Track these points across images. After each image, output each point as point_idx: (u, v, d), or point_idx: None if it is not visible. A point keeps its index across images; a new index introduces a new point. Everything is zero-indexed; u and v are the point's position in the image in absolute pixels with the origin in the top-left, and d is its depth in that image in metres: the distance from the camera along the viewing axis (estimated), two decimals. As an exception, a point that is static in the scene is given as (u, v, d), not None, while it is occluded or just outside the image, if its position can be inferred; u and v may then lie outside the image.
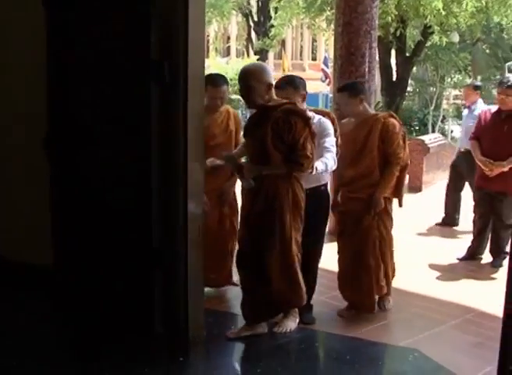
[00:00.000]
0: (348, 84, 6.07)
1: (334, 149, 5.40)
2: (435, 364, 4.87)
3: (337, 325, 5.64)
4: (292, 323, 5.34)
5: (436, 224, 9.62)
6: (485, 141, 7.46)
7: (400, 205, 5.92)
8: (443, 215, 9.66)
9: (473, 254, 7.82)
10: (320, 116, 5.51)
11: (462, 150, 9.15)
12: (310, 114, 5.28)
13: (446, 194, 9.64)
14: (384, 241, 5.72)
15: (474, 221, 7.80)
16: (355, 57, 8.60)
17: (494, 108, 7.56)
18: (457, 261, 7.77)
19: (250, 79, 4.98)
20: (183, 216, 4.92)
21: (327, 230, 5.93)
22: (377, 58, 8.83)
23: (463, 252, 7.85)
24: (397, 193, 5.81)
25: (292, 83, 5.41)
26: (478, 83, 10.63)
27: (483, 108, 8.75)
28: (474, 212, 7.76)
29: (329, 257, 5.98)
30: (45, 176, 5.75)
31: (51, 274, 5.73)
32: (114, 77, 5.15)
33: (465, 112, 9.74)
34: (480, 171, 7.47)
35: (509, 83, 7.24)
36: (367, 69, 8.62)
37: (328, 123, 5.48)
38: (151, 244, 5.01)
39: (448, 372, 4.75)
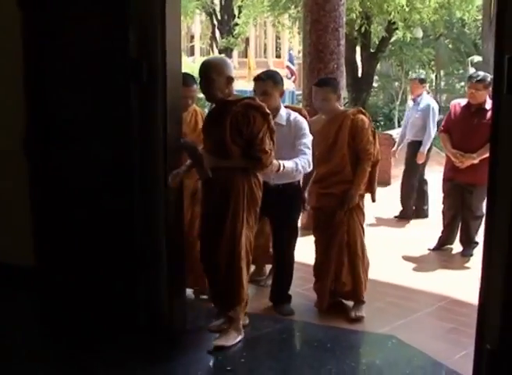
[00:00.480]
0: (328, 80, 6.19)
1: (310, 151, 5.47)
2: (413, 349, 5.03)
3: (315, 316, 5.77)
4: (231, 339, 5.06)
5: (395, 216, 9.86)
6: (455, 134, 7.67)
7: (373, 200, 6.02)
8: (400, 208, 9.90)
9: (443, 244, 8.02)
10: (296, 114, 5.61)
11: (409, 141, 9.71)
12: (284, 111, 5.51)
13: (401, 187, 9.93)
14: (354, 235, 5.77)
15: (443, 212, 7.99)
16: (324, 54, 8.75)
17: (463, 101, 7.75)
18: (429, 251, 7.95)
19: (210, 72, 4.92)
20: (164, 214, 5.02)
21: (299, 224, 6.10)
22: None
23: (433, 243, 8.04)
24: (370, 188, 5.87)
25: (272, 78, 5.56)
26: (423, 76, 11.05)
27: (428, 101, 9.58)
28: (444, 203, 7.95)
29: (304, 250, 6.12)
30: (25, 176, 5.82)
31: (36, 275, 5.82)
32: (92, 77, 5.23)
33: (410, 104, 10.07)
34: (450, 163, 7.68)
35: (478, 78, 7.45)
36: (335, 66, 8.78)
37: (304, 122, 5.58)
38: (134, 243, 5.10)
39: (426, 356, 4.91)
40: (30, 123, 5.77)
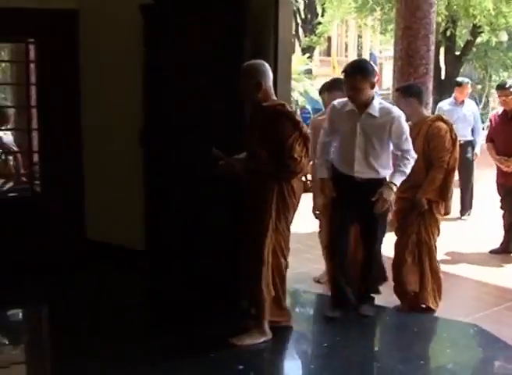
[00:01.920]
0: (411, 88, 6.23)
1: (410, 144, 5.39)
2: (493, 337, 5.42)
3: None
4: (249, 339, 5.09)
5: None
6: (497, 141, 8.06)
7: (446, 212, 6.00)
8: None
9: (506, 248, 8.15)
10: (392, 107, 5.44)
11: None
12: (377, 102, 5.32)
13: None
14: (422, 244, 5.83)
15: (503, 216, 8.22)
16: (413, 59, 9.21)
17: (500, 110, 8.24)
18: (490, 253, 8.12)
19: (242, 75, 5.01)
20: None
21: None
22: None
23: (494, 245, 8.20)
24: (442, 195, 5.83)
25: (360, 71, 5.25)
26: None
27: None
28: (502, 207, 8.20)
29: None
30: (140, 165, 6.43)
31: (146, 257, 6.46)
32: (207, 80, 5.78)
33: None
34: (498, 169, 8.06)
35: (505, 86, 7.95)
36: (425, 71, 9.21)
37: (403, 117, 5.37)
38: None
39: (507, 345, 5.28)
40: (146, 115, 6.37)
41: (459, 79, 10.78)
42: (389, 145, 5.40)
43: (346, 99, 5.41)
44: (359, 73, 5.20)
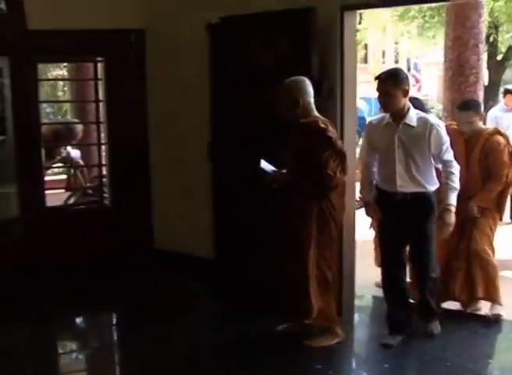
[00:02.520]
0: (471, 103, 6.22)
1: (456, 164, 5.29)
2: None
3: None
4: (324, 340, 5.38)
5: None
6: None
7: (500, 218, 6.05)
8: None
9: None
10: (430, 117, 5.39)
11: None
12: (413, 112, 5.21)
13: None
14: (474, 253, 5.87)
15: None
16: (464, 69, 9.43)
17: None
18: None
19: (281, 92, 5.18)
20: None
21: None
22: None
23: None
24: (497, 207, 5.90)
25: (392, 77, 5.13)
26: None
27: None
28: None
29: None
30: (208, 180, 6.72)
31: (214, 266, 6.75)
32: (272, 93, 6.02)
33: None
34: None
35: None
36: (475, 80, 9.42)
37: (442, 128, 5.26)
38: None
39: None
40: (214, 129, 6.66)
41: (508, 86, 10.88)
42: (431, 156, 5.22)
43: (382, 115, 5.40)
44: (390, 79, 5.08)
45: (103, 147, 7.62)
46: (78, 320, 6.69)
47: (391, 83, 5.06)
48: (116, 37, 7.11)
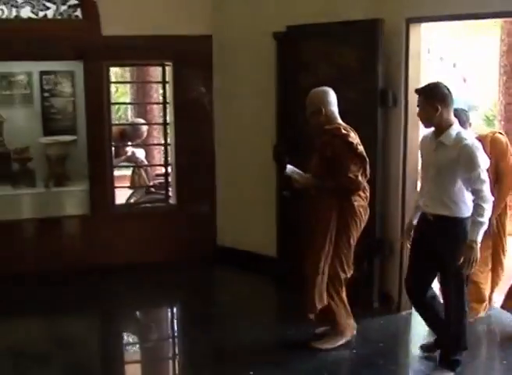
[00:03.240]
0: None
1: (486, 186, 4.75)
2: None
3: None
4: (328, 345, 5.55)
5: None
6: None
7: None
8: None
9: None
10: (469, 137, 4.87)
11: None
12: (453, 130, 4.84)
13: None
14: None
15: None
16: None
17: None
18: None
19: (307, 102, 5.47)
20: (401, 214, 6.11)
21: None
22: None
23: None
24: None
25: (424, 92, 4.97)
26: None
27: None
28: None
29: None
30: (274, 181, 7.01)
31: (276, 264, 7.06)
32: (343, 101, 6.29)
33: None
34: None
35: None
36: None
37: (474, 149, 4.75)
38: (374, 235, 6.18)
39: None
40: (279, 133, 6.95)
41: None
42: (463, 180, 4.82)
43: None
44: (423, 93, 4.94)
45: (169, 147, 7.93)
46: (147, 314, 7.04)
47: (422, 98, 4.94)
48: (184, 42, 7.41)
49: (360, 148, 5.29)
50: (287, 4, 6.86)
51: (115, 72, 11.59)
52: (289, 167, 5.49)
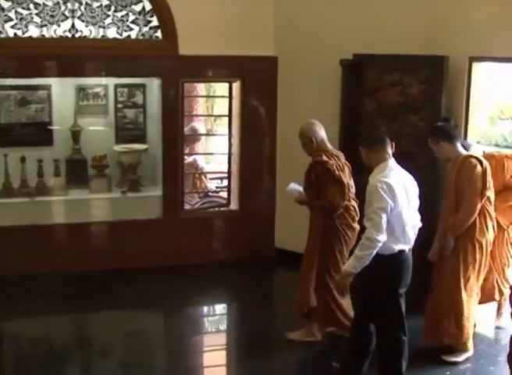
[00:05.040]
0: None
1: (373, 218, 4.94)
2: None
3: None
4: (298, 336, 6.35)
5: None
6: None
7: None
8: None
9: None
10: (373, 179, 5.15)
11: None
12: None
13: None
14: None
15: None
16: None
17: None
18: None
19: (300, 134, 6.23)
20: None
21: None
22: None
23: None
24: None
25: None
26: None
27: None
28: None
29: None
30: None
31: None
32: (399, 128, 7.03)
33: None
34: None
35: None
36: None
37: (371, 189, 5.04)
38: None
39: None
40: (342, 126, 7.62)
41: None
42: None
43: None
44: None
45: (232, 156, 8.65)
46: (212, 309, 7.81)
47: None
48: (251, 62, 8.11)
49: (337, 173, 5.95)
50: (354, 33, 7.51)
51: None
52: (291, 185, 6.31)
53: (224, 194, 9.12)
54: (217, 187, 9.67)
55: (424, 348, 6.00)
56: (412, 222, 5.13)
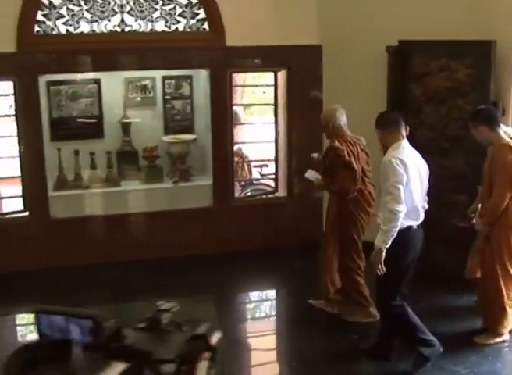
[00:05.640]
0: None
1: (393, 192, 5.19)
2: None
3: None
4: (358, 317, 6.50)
5: None
6: None
7: None
8: None
9: None
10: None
11: None
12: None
13: None
14: None
15: None
16: None
17: None
18: None
19: (320, 119, 6.47)
20: None
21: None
22: None
23: None
24: None
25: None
26: None
27: None
28: None
29: None
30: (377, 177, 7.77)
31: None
32: (447, 112, 7.15)
33: None
34: None
35: None
36: None
37: (386, 165, 5.29)
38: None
39: None
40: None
41: None
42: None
43: None
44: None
45: (279, 144, 8.80)
46: (264, 296, 7.97)
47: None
48: (296, 51, 8.26)
49: (348, 158, 6.11)
50: (399, 19, 7.61)
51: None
52: (308, 172, 6.57)
53: (267, 182, 9.29)
54: (261, 175, 9.81)
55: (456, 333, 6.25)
56: (421, 201, 5.41)
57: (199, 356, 2.38)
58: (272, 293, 8.09)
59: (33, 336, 6.41)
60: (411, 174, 5.21)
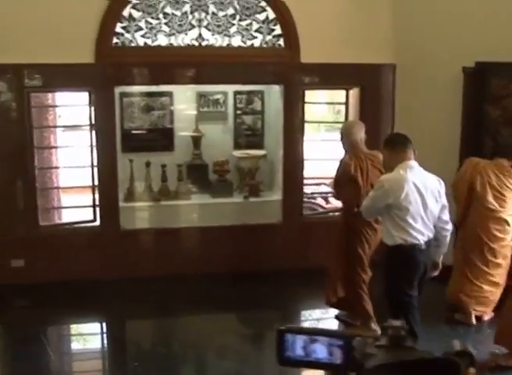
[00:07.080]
0: None
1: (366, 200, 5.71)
2: None
3: None
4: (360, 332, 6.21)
5: None
6: None
7: None
8: None
9: None
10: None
11: None
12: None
13: None
14: None
15: None
16: None
17: None
18: None
19: (341, 133, 6.54)
20: None
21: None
22: None
23: None
24: None
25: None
26: None
27: None
28: None
29: None
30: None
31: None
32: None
33: None
34: None
35: None
36: None
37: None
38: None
39: None
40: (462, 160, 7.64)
41: None
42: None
43: None
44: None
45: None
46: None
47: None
48: (370, 69, 8.27)
49: (354, 173, 6.21)
50: (476, 41, 7.53)
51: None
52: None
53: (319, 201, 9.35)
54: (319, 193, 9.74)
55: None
56: (431, 220, 5.46)
57: (466, 373, 2.31)
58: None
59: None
60: (409, 192, 5.32)
